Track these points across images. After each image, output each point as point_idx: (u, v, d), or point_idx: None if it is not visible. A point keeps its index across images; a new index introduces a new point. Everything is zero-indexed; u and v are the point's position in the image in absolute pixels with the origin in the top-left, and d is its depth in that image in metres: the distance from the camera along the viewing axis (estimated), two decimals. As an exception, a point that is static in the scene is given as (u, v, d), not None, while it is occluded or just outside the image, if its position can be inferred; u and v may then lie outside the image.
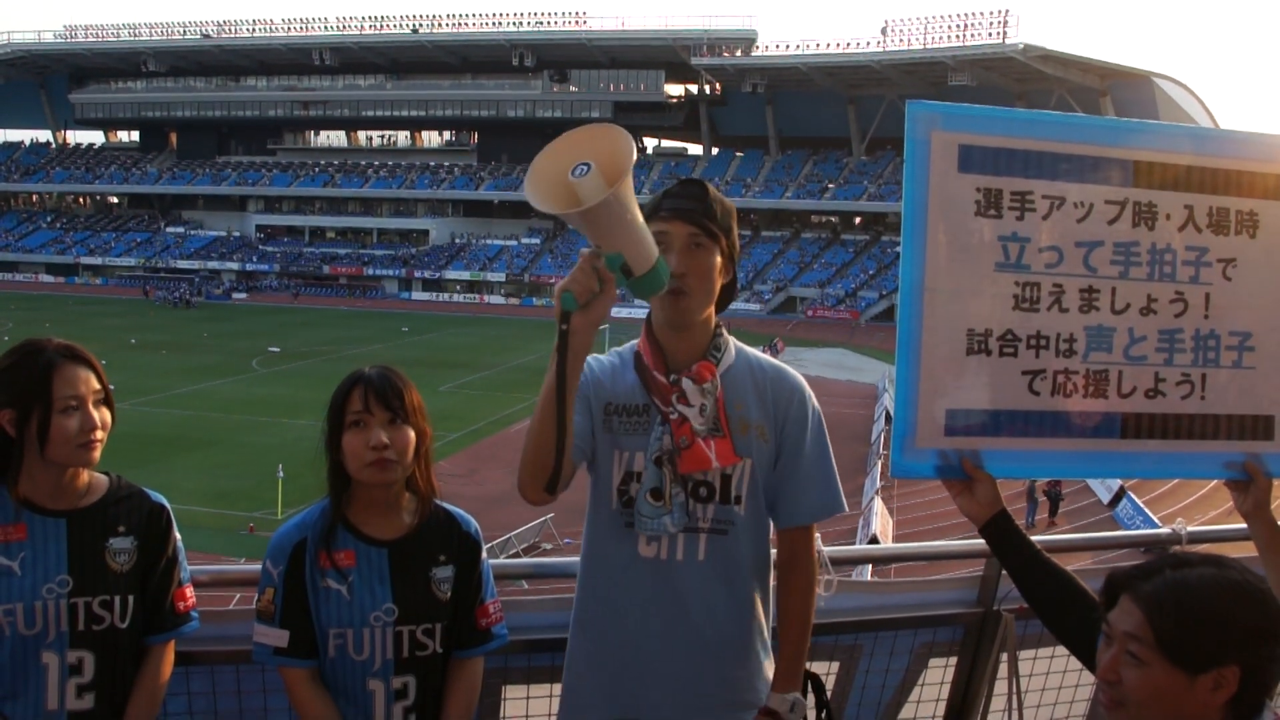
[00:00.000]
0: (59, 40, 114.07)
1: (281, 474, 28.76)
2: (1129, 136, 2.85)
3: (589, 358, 2.70)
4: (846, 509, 3.12)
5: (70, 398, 2.68)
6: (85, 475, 2.81)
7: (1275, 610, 1.99)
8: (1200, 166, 2.86)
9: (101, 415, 2.74)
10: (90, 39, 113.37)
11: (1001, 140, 2.75)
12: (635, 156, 2.35)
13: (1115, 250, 2.79)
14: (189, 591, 2.94)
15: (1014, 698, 3.55)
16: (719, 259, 2.81)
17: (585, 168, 2.34)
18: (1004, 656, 3.66)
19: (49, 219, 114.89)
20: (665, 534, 2.79)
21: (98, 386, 2.74)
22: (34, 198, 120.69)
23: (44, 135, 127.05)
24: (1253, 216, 2.88)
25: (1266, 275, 2.90)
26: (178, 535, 2.92)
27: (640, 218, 2.41)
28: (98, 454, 2.74)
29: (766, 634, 2.97)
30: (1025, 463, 2.84)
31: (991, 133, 2.75)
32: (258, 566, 2.91)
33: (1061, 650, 2.81)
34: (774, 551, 3.01)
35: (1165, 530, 4.02)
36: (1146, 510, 28.05)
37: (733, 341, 2.92)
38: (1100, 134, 2.84)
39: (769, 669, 2.95)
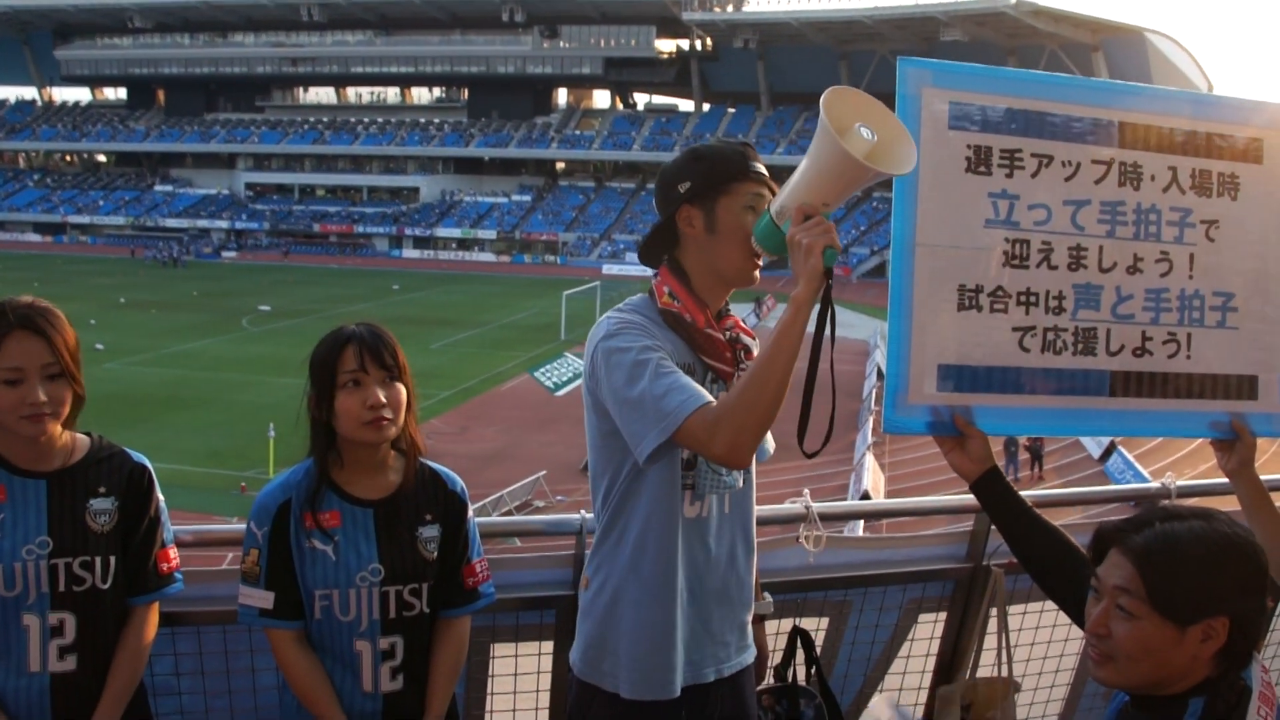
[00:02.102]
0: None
1: (273, 433, 28.75)
2: (1116, 97, 2.89)
3: (628, 317, 2.73)
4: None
5: (11, 370, 2.59)
6: (64, 436, 2.77)
7: (1263, 563, 2.01)
8: (1184, 129, 2.91)
9: (52, 389, 2.63)
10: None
11: (991, 98, 2.78)
12: (915, 163, 2.46)
13: (1102, 209, 2.83)
14: (172, 553, 2.91)
15: (1004, 652, 3.56)
16: None
17: (869, 133, 2.41)
18: (994, 611, 3.67)
19: (35, 178, 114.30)
20: (729, 490, 2.82)
21: (49, 359, 2.63)
22: (20, 156, 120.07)
23: (29, 92, 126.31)
24: (1234, 179, 2.94)
25: (1247, 237, 2.95)
26: (160, 496, 2.90)
27: None
28: (48, 426, 2.66)
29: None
30: (1016, 419, 2.85)
31: (981, 90, 2.78)
32: (242, 527, 2.88)
33: (1051, 605, 2.82)
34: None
35: (1154, 485, 4.03)
36: (1137, 465, 28.20)
37: None
38: (1087, 94, 2.87)
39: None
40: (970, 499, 2.84)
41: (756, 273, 2.80)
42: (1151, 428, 2.99)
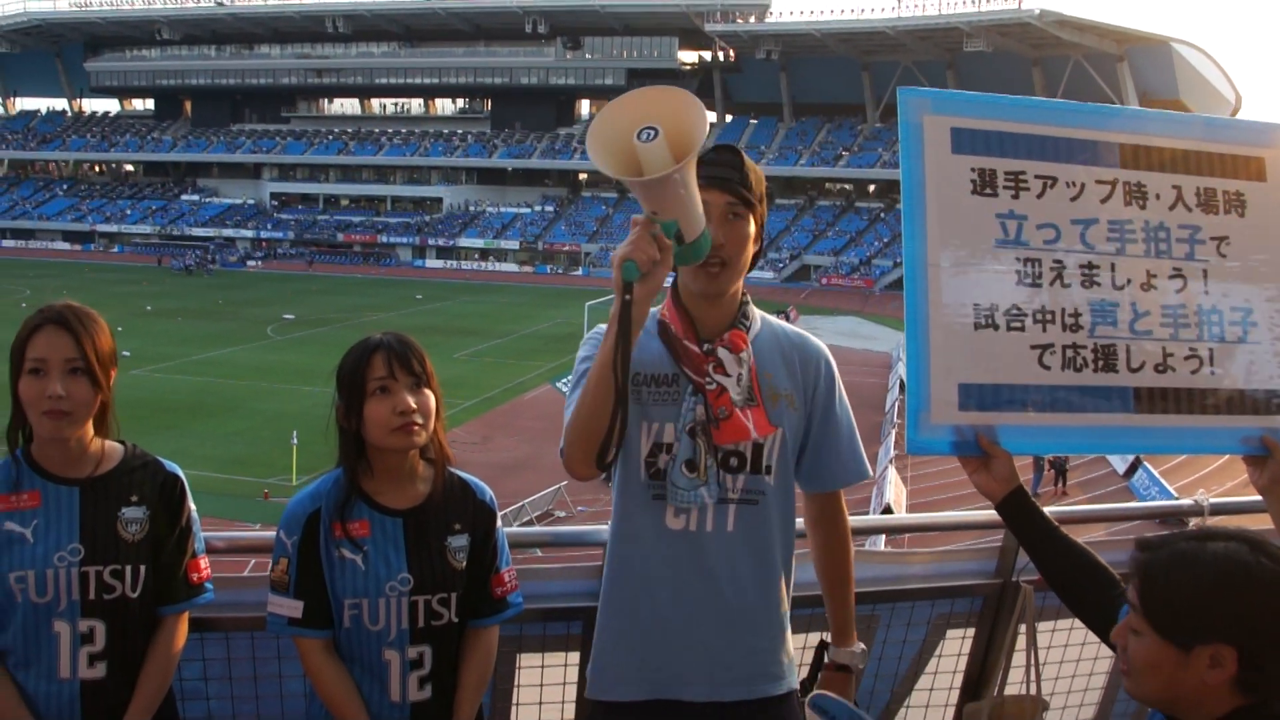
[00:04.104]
0: (74, 9, 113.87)
1: (296, 440, 28.84)
2: (1113, 121, 2.92)
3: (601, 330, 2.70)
4: (872, 474, 3.12)
5: (36, 360, 2.65)
6: (96, 443, 2.80)
7: None
8: (1185, 150, 2.93)
9: (71, 386, 2.66)
10: (105, 8, 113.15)
11: (991, 124, 2.82)
12: (707, 129, 2.31)
13: (1110, 228, 2.84)
14: (203, 563, 2.93)
15: (1032, 669, 3.52)
16: (753, 228, 2.79)
17: (652, 132, 2.28)
18: (1022, 628, 3.64)
19: (65, 187, 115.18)
20: (699, 505, 2.76)
21: (73, 354, 2.66)
22: (50, 166, 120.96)
23: (60, 104, 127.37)
24: (1239, 196, 2.94)
25: (1259, 252, 2.94)
26: (192, 506, 2.92)
27: (696, 186, 2.38)
28: (66, 424, 2.68)
29: (787, 605, 2.95)
30: (1041, 438, 2.84)
31: (981, 116, 2.83)
32: (272, 534, 2.90)
33: (1081, 623, 2.80)
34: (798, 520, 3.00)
35: (1186, 502, 4.00)
36: (1163, 481, 27.99)
37: (757, 310, 2.90)
38: (1085, 118, 2.90)
39: (790, 642, 2.95)
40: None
41: (719, 284, 2.75)
42: (1180, 444, 2.96)
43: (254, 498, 28.00)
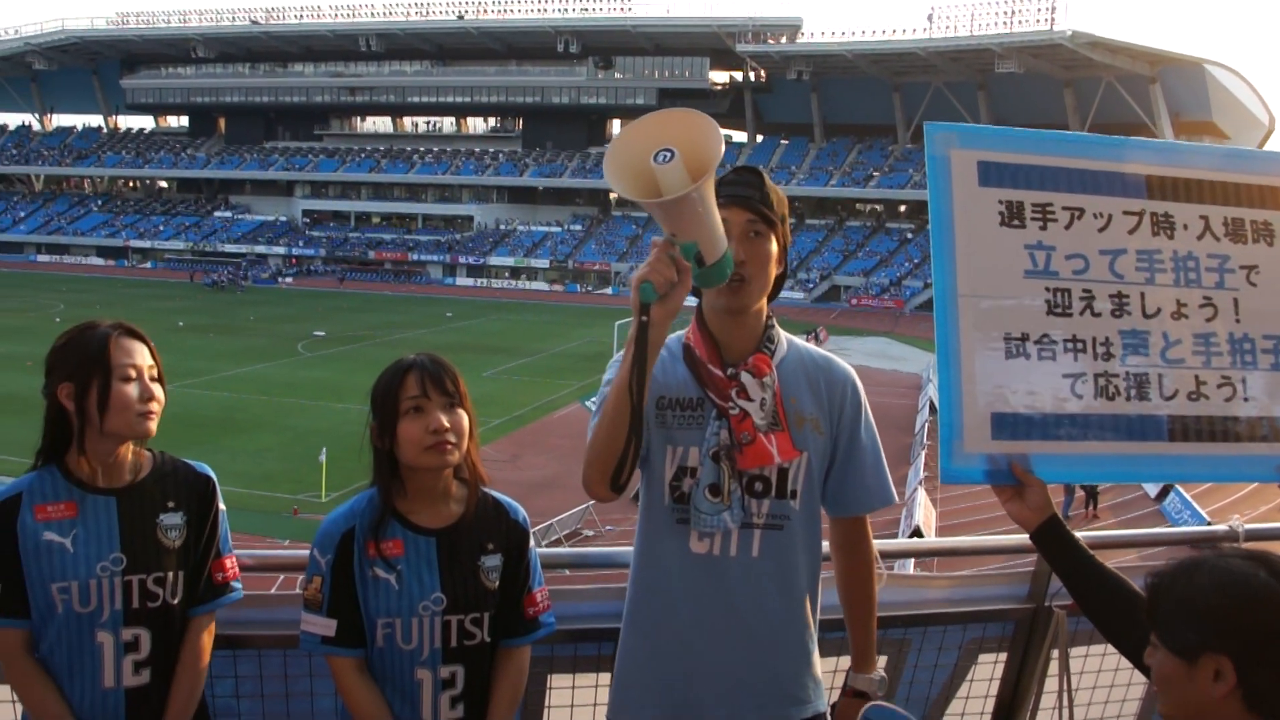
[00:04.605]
0: (111, 27, 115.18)
1: (323, 457, 28.93)
2: (1139, 153, 2.94)
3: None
4: (897, 499, 3.12)
5: (129, 366, 2.74)
6: (133, 453, 2.84)
7: None
8: (1210, 180, 2.94)
9: (156, 390, 2.78)
10: (141, 25, 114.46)
11: (1017, 156, 2.85)
12: (723, 149, 2.32)
13: (1139, 257, 2.85)
14: (229, 562, 2.96)
15: (1065, 695, 3.50)
16: (775, 248, 2.79)
17: (669, 154, 2.29)
18: (1055, 653, 3.62)
19: (99, 203, 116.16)
20: (722, 530, 2.76)
21: (151, 362, 2.79)
22: (85, 182, 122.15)
23: (96, 120, 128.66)
24: (1268, 226, 2.95)
25: None
26: (221, 505, 2.96)
27: (715, 207, 2.39)
28: (154, 425, 2.78)
29: (814, 629, 2.95)
30: (1075, 467, 2.83)
31: (1007, 149, 2.85)
32: (302, 551, 2.92)
33: (1114, 649, 2.78)
34: (824, 544, 2.99)
35: (1221, 527, 3.97)
36: (1195, 505, 27.72)
37: (783, 333, 2.90)
38: (1111, 151, 2.92)
39: (817, 665, 2.94)
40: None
41: (741, 299, 2.76)
42: (1215, 473, 2.93)
43: (283, 514, 28.09)
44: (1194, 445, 2.84)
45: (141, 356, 2.77)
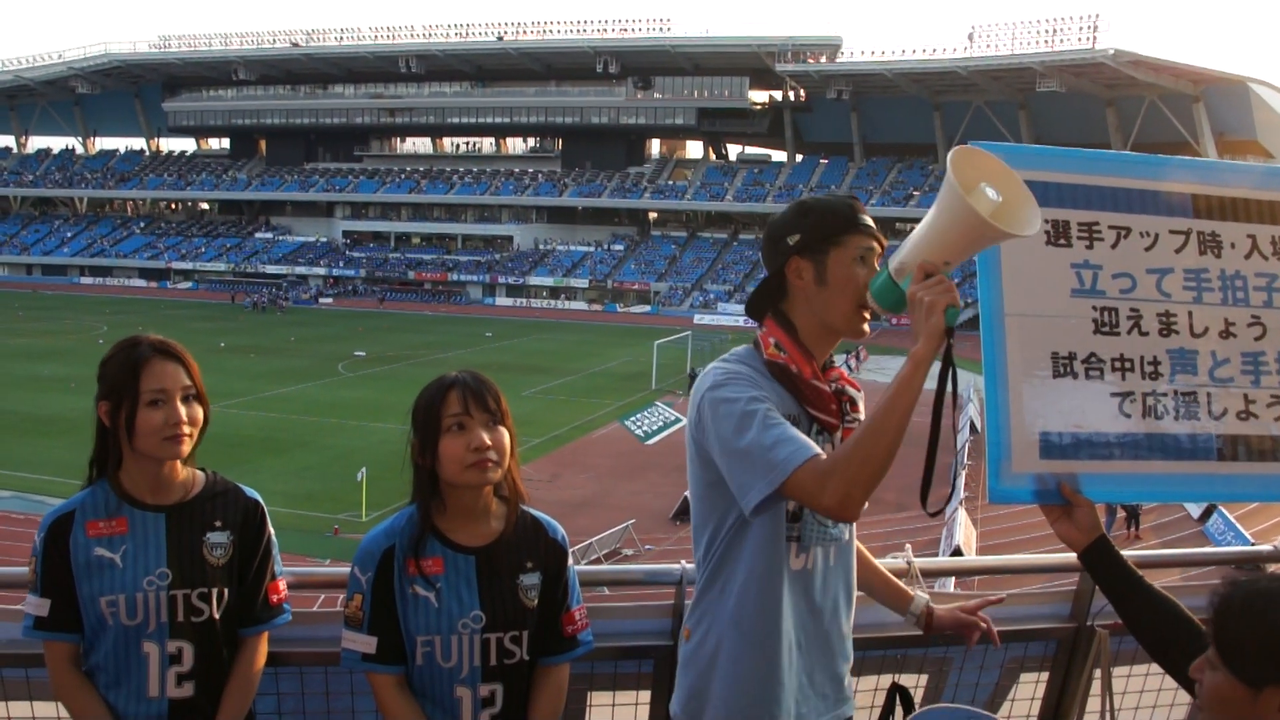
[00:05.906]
0: (153, 50, 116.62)
1: (361, 477, 29.05)
2: (1185, 172, 2.93)
3: (734, 367, 2.75)
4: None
5: (156, 391, 2.76)
6: (183, 471, 2.89)
7: None
8: (1258, 199, 2.94)
9: (190, 410, 2.81)
10: (183, 49, 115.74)
11: (1062, 176, 2.85)
12: (1038, 225, 2.43)
13: (1186, 276, 2.85)
14: (281, 585, 3.03)
15: (1106, 715, 3.47)
16: None
17: (995, 193, 2.41)
18: (1097, 673, 3.59)
19: (142, 225, 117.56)
20: (829, 542, 2.84)
21: (188, 382, 2.82)
22: (128, 204, 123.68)
23: (138, 143, 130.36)
24: None
25: None
26: (271, 530, 3.01)
27: None
28: (185, 448, 2.81)
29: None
30: (1123, 486, 2.81)
31: (1051, 169, 2.85)
32: (343, 569, 2.94)
33: (1157, 668, 2.76)
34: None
35: (1266, 547, 3.94)
36: (1238, 526, 27.39)
37: None
38: (1156, 170, 2.93)
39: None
40: (1073, 557, 2.79)
41: (866, 325, 2.80)
42: (1265, 492, 2.90)
43: (324, 533, 28.21)
44: (1244, 465, 2.82)
45: (175, 379, 2.80)
